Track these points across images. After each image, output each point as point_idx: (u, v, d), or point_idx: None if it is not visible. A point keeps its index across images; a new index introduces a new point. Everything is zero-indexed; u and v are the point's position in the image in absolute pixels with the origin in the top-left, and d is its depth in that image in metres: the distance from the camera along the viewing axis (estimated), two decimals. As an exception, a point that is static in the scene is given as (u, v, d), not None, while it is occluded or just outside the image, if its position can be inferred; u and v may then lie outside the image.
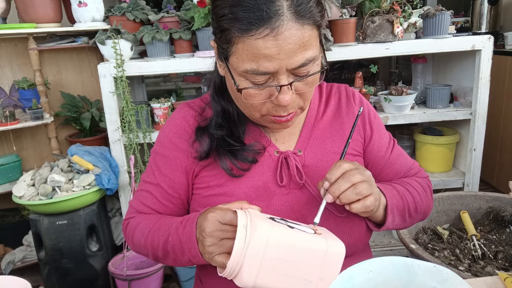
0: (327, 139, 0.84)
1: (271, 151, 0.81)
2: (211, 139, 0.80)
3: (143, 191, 0.85)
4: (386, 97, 1.87)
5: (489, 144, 2.15)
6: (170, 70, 1.81)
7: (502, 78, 2.59)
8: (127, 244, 1.78)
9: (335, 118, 0.87)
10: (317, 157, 0.82)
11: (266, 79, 0.67)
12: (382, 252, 2.01)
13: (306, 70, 0.68)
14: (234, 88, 0.71)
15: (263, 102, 0.70)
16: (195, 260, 0.70)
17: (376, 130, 0.89)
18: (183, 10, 1.86)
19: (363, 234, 0.82)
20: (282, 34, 0.62)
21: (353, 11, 1.84)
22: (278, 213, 0.77)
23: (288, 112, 0.72)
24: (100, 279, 1.86)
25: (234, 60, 0.67)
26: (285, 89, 0.67)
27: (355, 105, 0.88)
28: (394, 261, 0.65)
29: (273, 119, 0.73)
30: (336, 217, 0.79)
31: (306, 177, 0.80)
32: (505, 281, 0.74)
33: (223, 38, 0.67)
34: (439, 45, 1.79)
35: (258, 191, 0.79)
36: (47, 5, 1.96)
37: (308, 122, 0.85)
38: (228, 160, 0.78)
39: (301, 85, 0.70)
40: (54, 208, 1.73)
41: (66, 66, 2.29)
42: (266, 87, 0.68)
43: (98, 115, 2.20)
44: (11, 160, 2.14)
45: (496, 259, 1.26)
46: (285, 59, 0.64)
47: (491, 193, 1.52)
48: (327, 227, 0.77)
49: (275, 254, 0.60)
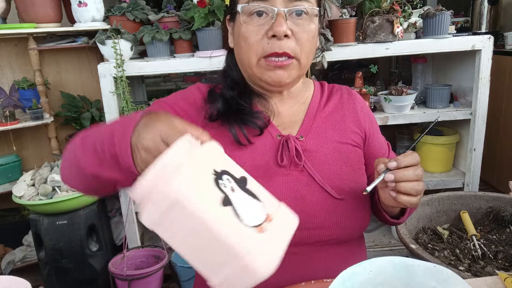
0: (329, 129, 0.87)
1: (273, 134, 0.84)
2: (223, 99, 0.84)
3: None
4: (386, 97, 1.87)
5: (489, 144, 2.15)
6: (170, 70, 1.81)
7: (502, 78, 2.59)
8: (126, 241, 1.79)
9: (336, 110, 0.90)
10: (318, 144, 0.85)
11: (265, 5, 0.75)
12: (382, 252, 2.01)
13: (302, 8, 0.76)
14: (239, 37, 0.79)
15: (260, 38, 0.76)
16: (122, 159, 0.59)
17: (376, 129, 0.94)
18: (183, 10, 1.86)
19: (360, 221, 0.84)
20: None
21: (353, 11, 1.84)
22: (277, 192, 0.77)
23: (282, 49, 0.75)
24: (100, 279, 1.86)
25: (239, 8, 0.77)
26: (280, 18, 0.74)
27: (357, 103, 0.92)
28: (394, 261, 0.65)
29: (267, 63, 0.77)
30: (334, 199, 0.81)
31: (307, 160, 0.82)
32: (505, 281, 0.74)
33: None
34: (439, 45, 1.79)
35: (259, 170, 0.81)
36: (47, 5, 1.96)
37: (311, 111, 0.88)
38: (237, 126, 0.81)
39: (296, 28, 0.76)
40: (54, 208, 1.73)
41: (66, 66, 2.29)
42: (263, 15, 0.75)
43: (98, 115, 2.20)
44: (11, 160, 2.14)
45: (496, 259, 1.26)
46: None
47: (491, 193, 1.52)
48: (324, 208, 0.80)
49: (180, 218, 0.48)
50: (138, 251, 1.88)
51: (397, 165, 0.70)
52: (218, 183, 0.51)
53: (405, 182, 0.70)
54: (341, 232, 0.81)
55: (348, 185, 0.83)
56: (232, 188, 0.52)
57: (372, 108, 1.95)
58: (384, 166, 0.72)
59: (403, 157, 0.70)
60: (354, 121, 0.89)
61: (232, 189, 0.52)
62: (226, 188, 0.51)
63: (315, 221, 0.79)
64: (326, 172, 0.82)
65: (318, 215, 0.80)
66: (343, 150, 0.86)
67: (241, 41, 0.79)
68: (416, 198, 0.72)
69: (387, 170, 0.71)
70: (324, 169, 0.83)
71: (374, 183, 0.72)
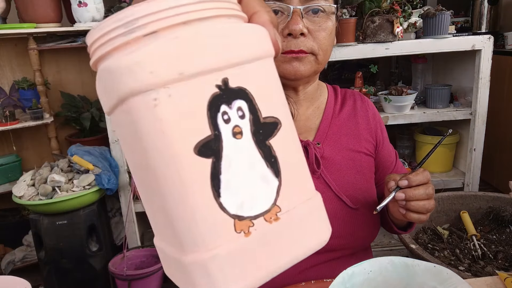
0: (343, 136, 0.86)
1: None
2: None
3: None
4: (386, 97, 1.87)
5: (489, 144, 2.15)
6: (170, 70, 1.80)
7: (502, 78, 2.59)
8: (126, 241, 1.79)
9: (350, 117, 0.89)
10: (334, 151, 0.84)
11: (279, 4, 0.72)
12: (382, 252, 2.01)
13: (318, 6, 0.73)
14: None
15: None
16: None
17: (386, 136, 0.93)
18: (183, 10, 1.86)
19: (372, 231, 0.84)
20: None
21: (353, 11, 1.84)
22: None
23: (298, 47, 0.73)
24: (100, 279, 1.86)
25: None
26: (296, 16, 0.72)
27: (369, 110, 0.91)
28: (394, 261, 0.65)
29: (282, 57, 0.75)
30: (350, 209, 0.80)
31: (324, 168, 0.81)
32: (505, 281, 0.74)
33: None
34: (439, 45, 1.79)
35: None
36: (47, 5, 1.96)
37: (326, 117, 0.87)
38: None
39: (313, 26, 0.74)
40: (54, 208, 1.73)
41: (66, 66, 2.29)
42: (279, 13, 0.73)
43: (98, 115, 2.20)
44: (11, 160, 2.14)
45: (496, 259, 1.25)
46: None
47: (491, 193, 1.52)
48: (340, 217, 0.80)
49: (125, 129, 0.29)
50: (138, 251, 1.88)
51: (408, 183, 0.70)
52: (217, 108, 0.28)
53: (415, 201, 0.70)
54: (355, 242, 0.81)
55: (362, 195, 0.82)
56: (237, 131, 0.29)
57: (372, 108, 1.95)
58: (394, 184, 0.71)
59: (414, 176, 0.70)
60: (367, 129, 0.88)
61: (237, 133, 0.29)
62: (226, 126, 0.28)
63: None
64: (341, 180, 0.82)
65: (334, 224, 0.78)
66: (357, 158, 0.85)
67: None
68: (426, 216, 0.72)
69: (398, 188, 0.71)
70: (340, 177, 0.82)
71: (385, 202, 0.71)
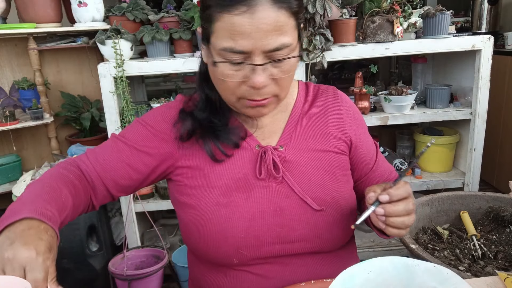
0: (310, 137, 0.85)
1: (252, 145, 0.82)
2: (194, 120, 0.81)
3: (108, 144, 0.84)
4: (386, 97, 1.87)
5: (489, 144, 2.15)
6: (170, 70, 1.81)
7: (502, 78, 2.59)
8: (126, 241, 1.79)
9: (319, 116, 0.87)
10: (298, 153, 0.83)
11: (243, 60, 0.68)
12: (382, 252, 2.01)
13: (281, 56, 0.69)
14: (212, 70, 0.73)
15: (238, 84, 0.71)
16: None
17: (364, 133, 0.90)
18: (183, 10, 1.86)
19: (343, 231, 0.83)
20: (258, 13, 0.65)
21: (353, 11, 1.84)
22: (256, 204, 0.79)
23: (262, 96, 0.72)
24: (100, 279, 1.86)
25: (214, 39, 0.70)
26: (259, 70, 0.69)
27: (342, 106, 0.88)
28: (394, 261, 0.65)
29: (247, 103, 0.74)
30: (314, 211, 0.79)
31: (287, 171, 0.81)
32: (505, 281, 0.74)
33: (205, 16, 0.71)
34: (439, 45, 1.79)
35: (238, 183, 0.80)
36: (47, 5, 1.96)
37: (292, 119, 0.86)
38: (211, 143, 0.79)
39: (276, 71, 0.71)
40: (54, 208, 1.73)
41: (66, 66, 2.29)
42: (241, 64, 0.69)
43: (98, 115, 2.20)
44: (11, 160, 2.14)
45: (496, 259, 1.26)
46: (259, 39, 0.66)
47: (491, 193, 1.52)
48: (304, 220, 0.79)
49: None
50: (138, 251, 1.88)
51: (389, 199, 0.68)
52: None
53: (394, 217, 0.69)
54: (322, 245, 0.81)
55: (330, 195, 0.81)
56: None
57: (372, 108, 1.95)
58: (374, 196, 0.70)
59: (395, 190, 0.69)
60: (338, 127, 0.86)
61: None
62: None
63: (295, 234, 0.79)
64: (306, 182, 0.81)
65: (298, 227, 0.79)
66: (324, 158, 0.84)
67: (217, 78, 0.73)
68: (405, 231, 0.71)
69: (378, 203, 0.69)
70: (305, 179, 0.81)
71: (363, 217, 0.70)
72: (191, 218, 0.81)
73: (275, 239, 0.79)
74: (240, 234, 0.77)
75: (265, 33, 0.66)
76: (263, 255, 0.79)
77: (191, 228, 0.81)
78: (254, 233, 0.78)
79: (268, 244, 0.79)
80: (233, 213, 0.78)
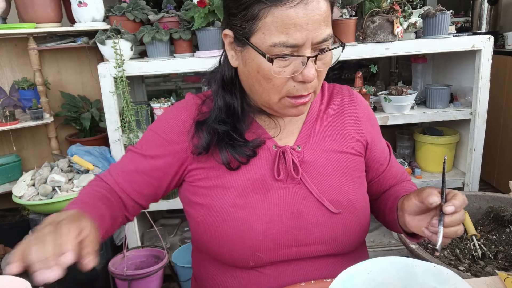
0: (327, 137, 0.84)
1: (269, 145, 0.81)
2: (211, 134, 0.79)
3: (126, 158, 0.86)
4: (386, 97, 1.87)
5: (489, 144, 2.15)
6: (170, 70, 1.81)
7: (502, 78, 2.59)
8: (126, 241, 1.79)
9: (336, 117, 0.86)
10: (316, 154, 0.82)
11: (292, 53, 0.68)
12: (382, 252, 2.01)
13: (326, 46, 0.70)
14: (254, 70, 0.71)
15: (285, 80, 0.70)
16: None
17: (377, 132, 0.91)
18: (183, 10, 1.86)
19: (359, 233, 0.82)
20: (311, 3, 0.66)
21: (353, 11, 1.84)
22: (274, 206, 0.78)
23: (308, 91, 0.72)
24: (100, 279, 1.86)
25: (259, 37, 0.68)
26: (310, 63, 0.68)
27: (358, 106, 0.88)
28: (394, 261, 0.65)
29: (290, 102, 0.73)
30: (331, 214, 0.78)
31: (304, 172, 0.80)
32: (505, 281, 0.74)
33: (246, 16, 0.68)
34: (439, 45, 1.79)
35: (255, 184, 0.79)
36: (47, 5, 1.96)
37: (309, 119, 0.85)
38: (228, 154, 0.78)
39: (320, 64, 0.71)
40: (54, 208, 1.73)
41: (66, 66, 2.29)
42: (293, 57, 0.68)
43: (98, 115, 2.20)
44: (11, 160, 2.14)
45: (496, 259, 1.26)
46: (312, 30, 0.66)
47: (491, 193, 1.52)
48: (321, 223, 0.78)
49: None
50: (138, 251, 1.88)
51: (454, 210, 0.65)
52: None
53: (449, 228, 0.66)
54: (338, 247, 0.80)
55: (347, 197, 0.80)
56: None
57: (372, 108, 1.95)
58: (437, 200, 0.66)
59: (457, 201, 0.66)
60: (355, 128, 0.86)
61: None
62: None
63: (311, 237, 0.78)
64: (323, 184, 0.80)
65: (315, 230, 0.78)
66: (342, 159, 0.83)
67: (260, 78, 0.72)
68: (449, 240, 0.70)
69: (443, 214, 0.66)
70: (322, 181, 0.80)
71: (440, 239, 0.65)
72: (203, 218, 0.79)
73: (292, 242, 0.77)
74: (258, 237, 0.76)
75: (318, 24, 0.66)
76: (279, 258, 0.78)
77: (204, 228, 0.80)
78: (272, 236, 0.76)
79: (285, 247, 0.78)
80: (250, 215, 0.76)
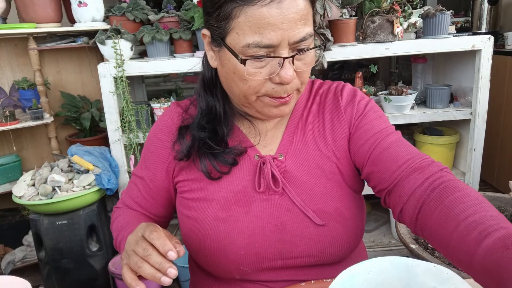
0: (310, 141, 0.79)
1: (251, 155, 0.78)
2: (192, 140, 0.77)
3: (131, 183, 0.90)
4: (386, 97, 1.87)
5: (489, 144, 2.15)
6: (170, 70, 1.80)
7: (502, 78, 2.59)
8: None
9: (317, 116, 0.81)
10: (298, 161, 0.77)
11: (268, 54, 0.65)
12: (382, 252, 2.01)
13: (306, 46, 0.67)
14: (230, 71, 0.68)
15: (262, 82, 0.67)
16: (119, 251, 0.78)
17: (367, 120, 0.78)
18: (183, 10, 1.86)
19: (348, 243, 0.77)
20: (285, 1, 0.62)
21: (353, 11, 1.84)
22: (256, 219, 0.75)
23: (287, 92, 0.69)
24: (100, 279, 1.86)
25: (233, 37, 0.65)
26: (287, 64, 0.65)
27: (341, 100, 0.80)
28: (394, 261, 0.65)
29: (270, 101, 0.70)
30: (317, 226, 0.74)
31: (287, 183, 0.76)
32: (505, 281, 0.74)
33: (220, 15, 0.65)
34: (439, 45, 1.79)
35: (237, 196, 0.76)
36: (47, 5, 1.96)
37: (292, 123, 0.80)
38: (207, 162, 0.76)
39: (300, 64, 0.68)
40: (54, 208, 1.73)
41: (66, 66, 2.29)
42: (269, 58, 0.65)
43: (98, 115, 2.20)
44: (11, 160, 2.14)
45: (496, 259, 1.25)
46: (288, 30, 0.63)
47: (491, 193, 1.52)
48: (307, 236, 0.74)
49: None
50: (138, 251, 1.88)
51: None
52: None
53: None
54: (327, 259, 0.76)
55: (333, 206, 0.75)
56: None
57: (372, 108, 1.95)
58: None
59: None
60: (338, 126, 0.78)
61: None
62: None
63: (297, 250, 0.75)
64: (308, 194, 0.75)
65: (300, 243, 0.74)
66: (326, 164, 0.77)
67: (237, 79, 0.68)
68: None
69: None
70: (306, 190, 0.75)
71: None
72: (190, 230, 0.78)
73: (276, 255, 0.75)
74: (240, 251, 0.74)
75: (294, 23, 0.63)
76: (265, 269, 0.76)
77: (190, 240, 0.79)
78: (254, 250, 0.74)
79: (270, 260, 0.75)
80: (232, 229, 0.74)
